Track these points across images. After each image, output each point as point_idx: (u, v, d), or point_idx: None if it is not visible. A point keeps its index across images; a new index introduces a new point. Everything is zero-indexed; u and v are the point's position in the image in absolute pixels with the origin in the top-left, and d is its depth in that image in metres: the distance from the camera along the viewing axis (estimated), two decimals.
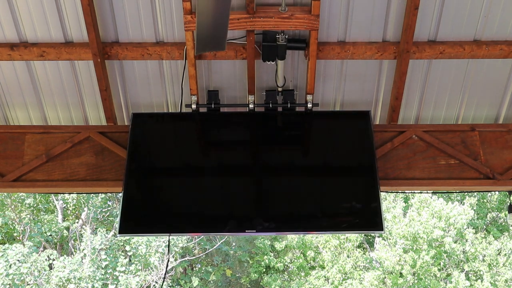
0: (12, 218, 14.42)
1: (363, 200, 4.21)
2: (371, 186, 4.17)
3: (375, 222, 4.07)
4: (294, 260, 16.82)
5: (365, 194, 4.21)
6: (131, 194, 4.19)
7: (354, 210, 4.19)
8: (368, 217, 4.13)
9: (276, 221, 4.15)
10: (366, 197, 4.18)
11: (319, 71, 4.53)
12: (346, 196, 4.25)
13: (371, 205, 4.12)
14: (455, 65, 4.53)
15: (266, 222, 4.10)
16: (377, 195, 4.12)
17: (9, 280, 11.68)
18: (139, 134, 4.45)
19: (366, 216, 4.15)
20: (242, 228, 4.14)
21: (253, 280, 16.96)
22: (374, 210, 4.09)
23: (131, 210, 4.15)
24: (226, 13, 3.07)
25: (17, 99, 4.73)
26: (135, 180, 4.25)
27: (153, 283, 13.55)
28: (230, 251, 16.73)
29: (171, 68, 4.57)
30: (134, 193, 4.23)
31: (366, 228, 4.31)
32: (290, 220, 4.19)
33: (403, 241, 14.95)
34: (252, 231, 4.09)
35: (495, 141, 4.59)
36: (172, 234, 4.55)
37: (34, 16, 4.25)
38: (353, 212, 4.19)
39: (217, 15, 3.07)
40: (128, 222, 4.09)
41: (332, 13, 4.24)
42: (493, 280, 14.46)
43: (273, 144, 4.49)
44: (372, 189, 4.15)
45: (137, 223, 4.14)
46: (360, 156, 4.38)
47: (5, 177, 4.49)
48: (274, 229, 4.25)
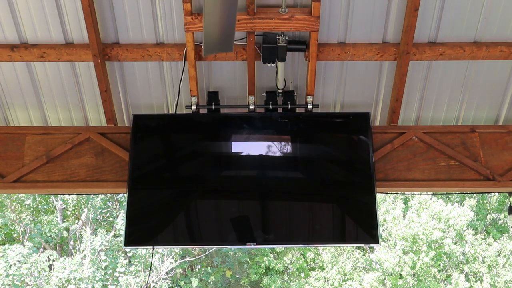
0: (12, 219, 14.41)
1: (360, 213, 4.28)
2: (368, 199, 4.23)
3: (372, 235, 4.15)
4: (294, 261, 16.79)
5: (362, 208, 4.26)
6: (135, 206, 4.25)
7: (351, 223, 4.30)
8: (364, 230, 4.23)
9: (275, 233, 4.25)
10: (363, 211, 4.25)
11: (319, 73, 4.53)
12: (344, 210, 4.34)
13: (368, 219, 4.20)
14: (455, 66, 4.53)
15: (266, 234, 4.20)
16: (374, 210, 4.20)
17: (9, 280, 11.67)
18: (140, 138, 4.45)
19: (363, 229, 4.24)
20: (243, 241, 4.27)
21: (253, 281, 16.94)
22: (371, 224, 4.16)
23: (136, 223, 4.23)
24: (233, 14, 3.07)
25: (18, 100, 4.73)
26: (138, 192, 4.30)
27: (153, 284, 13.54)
28: (230, 252, 16.71)
29: (171, 69, 4.57)
30: (138, 205, 4.27)
31: (362, 241, 4.44)
32: (289, 233, 4.28)
33: (402, 243, 14.93)
34: (253, 244, 4.19)
35: (495, 143, 4.59)
36: (175, 247, 4.70)
37: (35, 17, 4.25)
38: (351, 225, 4.31)
39: (224, 16, 3.07)
40: (133, 235, 4.19)
41: (332, 15, 4.24)
42: (493, 281, 14.44)
43: (273, 145, 4.48)
44: (369, 203, 4.21)
45: (142, 235, 4.24)
46: (359, 160, 4.39)
47: (5, 178, 4.50)
48: (273, 242, 4.43)
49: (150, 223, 4.26)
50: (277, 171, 4.42)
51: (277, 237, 4.26)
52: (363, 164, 4.33)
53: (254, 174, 4.44)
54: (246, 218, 4.29)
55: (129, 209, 4.22)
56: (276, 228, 4.28)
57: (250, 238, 4.19)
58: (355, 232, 4.29)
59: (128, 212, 4.21)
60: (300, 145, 4.55)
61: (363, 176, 4.29)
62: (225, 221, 4.29)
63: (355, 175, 4.38)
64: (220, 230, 4.29)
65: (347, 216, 4.30)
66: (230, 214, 4.31)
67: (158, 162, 4.46)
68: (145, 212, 4.29)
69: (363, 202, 4.25)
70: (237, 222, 4.26)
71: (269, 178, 4.40)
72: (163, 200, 4.37)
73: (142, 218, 4.26)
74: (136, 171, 4.32)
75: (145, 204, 4.31)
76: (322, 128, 4.54)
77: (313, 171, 4.43)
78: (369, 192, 4.23)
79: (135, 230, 4.21)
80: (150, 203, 4.33)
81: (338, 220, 4.32)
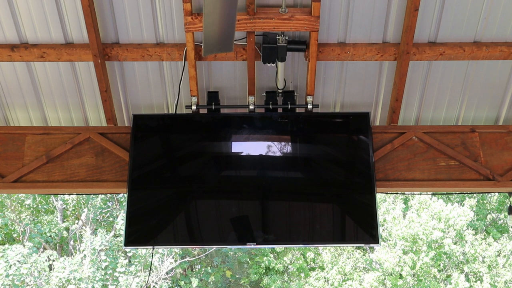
0: (12, 219, 14.41)
1: (360, 213, 4.28)
2: (368, 199, 4.23)
3: (372, 235, 4.16)
4: (293, 261, 16.79)
5: (362, 208, 4.27)
6: (134, 207, 4.25)
7: (351, 223, 4.30)
8: (364, 230, 4.23)
9: (275, 233, 4.25)
10: (363, 211, 4.25)
11: (319, 73, 4.53)
12: (344, 209, 4.34)
13: (368, 219, 4.20)
14: (455, 66, 4.53)
15: (266, 234, 4.20)
16: (374, 210, 4.20)
17: (9, 280, 11.67)
18: (140, 138, 4.45)
19: (363, 229, 4.24)
20: (243, 241, 4.27)
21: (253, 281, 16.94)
22: (371, 224, 4.17)
23: (136, 223, 4.23)
24: (233, 14, 3.07)
25: (18, 100, 4.73)
26: (138, 192, 4.30)
27: (153, 284, 13.54)
28: (230, 252, 16.71)
29: (171, 69, 4.57)
30: (138, 205, 4.28)
31: (362, 241, 4.40)
32: (289, 233, 4.28)
33: (402, 243, 14.93)
34: (253, 244, 4.20)
35: (495, 143, 4.59)
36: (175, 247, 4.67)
37: (35, 17, 4.25)
38: (351, 225, 4.31)
39: (224, 16, 3.07)
40: (133, 235, 4.19)
41: (332, 15, 4.24)
42: (493, 281, 14.44)
43: (273, 145, 4.48)
44: (369, 203, 4.22)
45: (142, 235, 4.24)
46: (359, 160, 4.39)
47: (5, 178, 4.50)
48: (273, 242, 4.37)
49: (150, 223, 4.26)
50: (277, 171, 4.42)
51: (277, 237, 4.26)
52: (363, 164, 4.33)
53: (254, 174, 4.44)
54: (246, 218, 4.29)
55: (129, 209, 4.23)
56: (276, 228, 4.28)
57: (250, 238, 4.20)
58: (355, 232, 4.29)
59: (128, 212, 4.22)
60: (300, 145, 4.55)
61: (363, 176, 4.29)
62: (225, 221, 4.28)
63: (355, 175, 4.38)
64: (220, 230, 4.29)
65: (347, 216, 4.31)
66: (230, 214, 4.31)
67: (158, 162, 4.47)
68: (145, 212, 4.29)
69: (363, 202, 4.25)
70: (237, 222, 4.26)
71: (269, 178, 4.40)
72: (163, 200, 4.37)
73: (142, 218, 4.26)
74: (136, 171, 4.32)
75: (145, 204, 4.32)
76: (322, 128, 4.54)
77: (313, 171, 4.43)
78: (369, 192, 4.23)
79: (135, 230, 4.21)
80: (150, 203, 4.33)
81: (338, 220, 4.32)
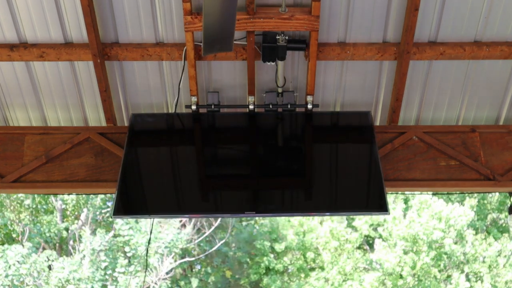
0: (11, 219, 14.40)
1: (366, 182, 4.14)
2: (374, 174, 4.10)
3: (379, 205, 3.95)
4: (294, 261, 16.78)
5: (368, 181, 4.14)
6: (127, 178, 4.15)
7: (356, 192, 4.11)
8: (371, 199, 4.07)
9: (275, 203, 4.11)
10: (369, 182, 4.12)
11: (319, 72, 4.52)
12: (349, 180, 4.18)
13: (374, 188, 4.04)
14: (455, 66, 4.52)
15: (266, 204, 4.07)
16: (380, 180, 4.03)
17: (8, 281, 11.67)
18: (137, 133, 4.43)
19: (370, 198, 4.08)
20: (241, 210, 4.08)
21: (253, 281, 16.93)
22: (378, 193, 4.00)
23: (127, 192, 4.10)
24: (233, 13, 3.07)
25: (17, 100, 4.72)
26: (132, 167, 4.22)
27: (153, 284, 13.53)
28: (230, 252, 16.70)
29: (171, 69, 4.56)
30: (131, 178, 4.19)
31: (369, 210, 4.14)
32: (290, 202, 4.15)
33: (403, 243, 14.93)
34: (252, 213, 4.02)
35: (495, 142, 4.59)
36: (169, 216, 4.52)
37: (34, 16, 4.25)
38: (356, 194, 4.11)
39: (224, 15, 3.06)
40: (123, 204, 4.04)
41: (332, 14, 4.23)
42: (493, 282, 14.45)
43: (273, 145, 4.48)
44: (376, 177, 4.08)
45: (132, 204, 4.10)
46: (362, 155, 4.37)
47: (4, 178, 4.49)
48: (273, 211, 4.15)
49: (144, 193, 4.13)
50: (277, 164, 4.38)
51: (276, 207, 4.11)
52: (367, 156, 4.28)
53: (254, 166, 4.40)
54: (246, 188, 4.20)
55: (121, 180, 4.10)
56: (275, 198, 4.16)
57: (248, 208, 4.06)
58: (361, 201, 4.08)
59: (120, 182, 4.08)
60: (301, 145, 4.55)
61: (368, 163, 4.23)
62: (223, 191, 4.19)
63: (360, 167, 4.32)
64: (216, 200, 4.18)
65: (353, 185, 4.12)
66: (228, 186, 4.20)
67: (154, 155, 4.44)
68: (138, 182, 4.19)
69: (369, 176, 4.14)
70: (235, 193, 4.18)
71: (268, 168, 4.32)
72: (157, 173, 4.25)
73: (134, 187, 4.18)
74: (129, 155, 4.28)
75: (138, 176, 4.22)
76: (322, 128, 4.54)
77: (313, 164, 4.40)
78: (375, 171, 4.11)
79: (125, 200, 4.05)
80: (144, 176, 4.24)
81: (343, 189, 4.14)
